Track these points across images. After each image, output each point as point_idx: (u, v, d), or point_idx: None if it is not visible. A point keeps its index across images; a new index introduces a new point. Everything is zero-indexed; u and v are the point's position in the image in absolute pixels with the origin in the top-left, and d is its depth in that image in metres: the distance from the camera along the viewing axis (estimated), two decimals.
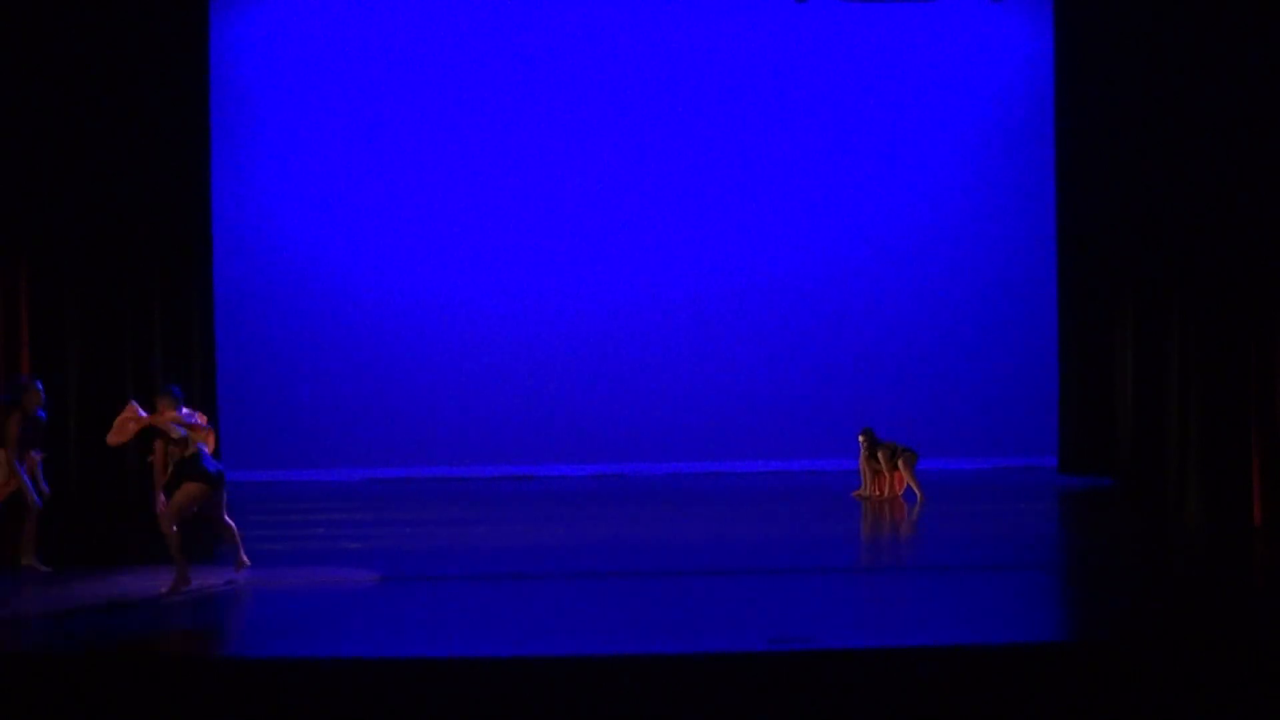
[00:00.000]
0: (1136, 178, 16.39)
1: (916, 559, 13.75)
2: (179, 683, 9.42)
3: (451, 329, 19.13)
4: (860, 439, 16.57)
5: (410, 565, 12.84)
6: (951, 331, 19.38)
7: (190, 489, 11.68)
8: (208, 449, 11.86)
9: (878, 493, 16.46)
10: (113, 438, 11.86)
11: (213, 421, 14.69)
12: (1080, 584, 12.44)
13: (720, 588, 11.84)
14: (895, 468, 16.33)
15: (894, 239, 19.36)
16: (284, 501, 16.43)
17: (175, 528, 11.66)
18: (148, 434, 11.84)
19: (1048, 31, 18.18)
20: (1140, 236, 16.38)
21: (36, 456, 12.59)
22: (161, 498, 11.76)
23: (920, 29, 19.24)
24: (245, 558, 12.22)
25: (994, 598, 11.36)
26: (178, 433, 11.68)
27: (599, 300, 19.25)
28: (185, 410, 11.90)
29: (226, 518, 12.05)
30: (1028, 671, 9.36)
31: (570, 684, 9.24)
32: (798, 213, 19.35)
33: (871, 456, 16.49)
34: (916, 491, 16.16)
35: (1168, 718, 9.20)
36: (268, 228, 18.88)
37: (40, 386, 12.60)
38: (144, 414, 11.84)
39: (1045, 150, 18.28)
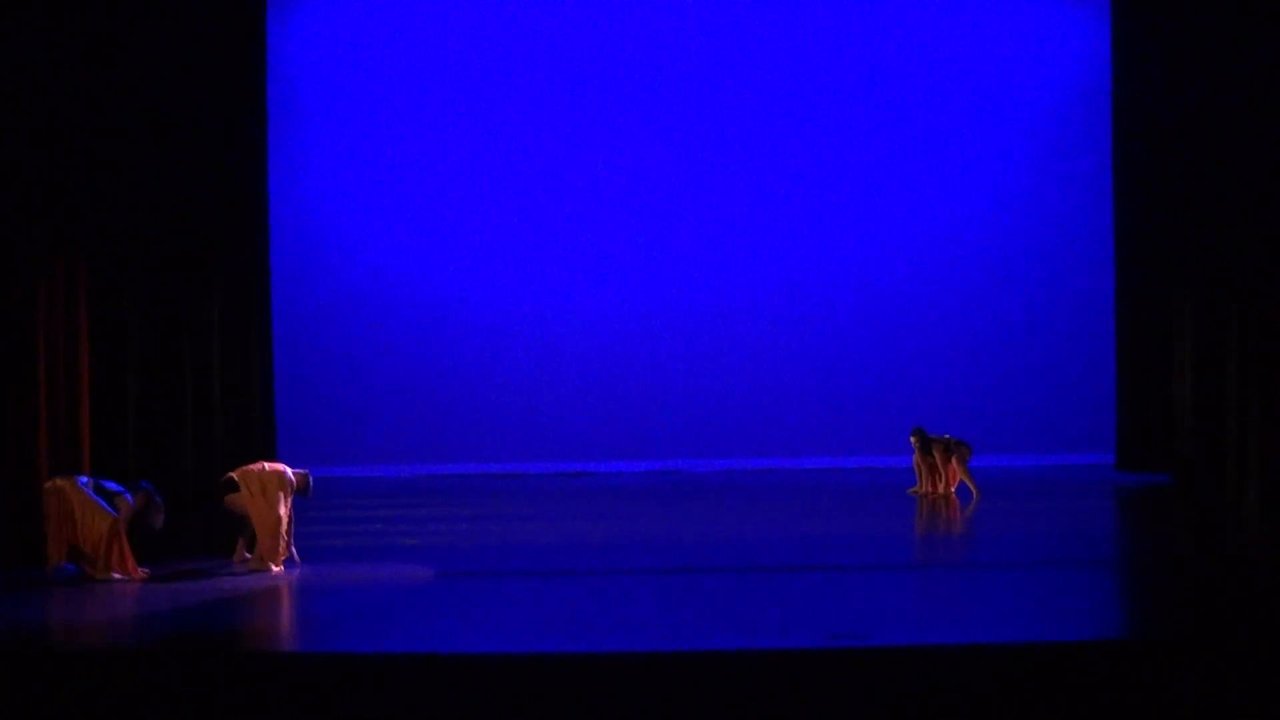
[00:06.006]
0: (1196, 169, 16.21)
1: (973, 556, 13.71)
2: (233, 678, 9.48)
3: (507, 325, 19.18)
4: (911, 439, 16.51)
5: (466, 561, 12.89)
6: (1008, 327, 19.28)
7: None
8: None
9: (933, 489, 16.39)
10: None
11: (270, 419, 14.92)
12: (1138, 581, 12.37)
13: (778, 584, 11.83)
14: (949, 461, 16.24)
15: (949, 234, 19.28)
16: (339, 497, 16.50)
17: None
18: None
19: (1105, 24, 18.04)
20: (1199, 231, 16.22)
21: None
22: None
23: (974, 21, 19.15)
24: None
25: (1050, 595, 11.30)
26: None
27: (656, 296, 19.25)
28: None
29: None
30: (1084, 669, 9.31)
31: (628, 680, 9.25)
32: (853, 208, 19.30)
33: (926, 453, 16.41)
34: (971, 487, 16.06)
35: (1226, 716, 9.14)
36: (323, 225, 18.99)
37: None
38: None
39: (1103, 142, 18.14)
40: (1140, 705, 9.17)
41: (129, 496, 12.46)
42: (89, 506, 12.19)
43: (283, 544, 12.47)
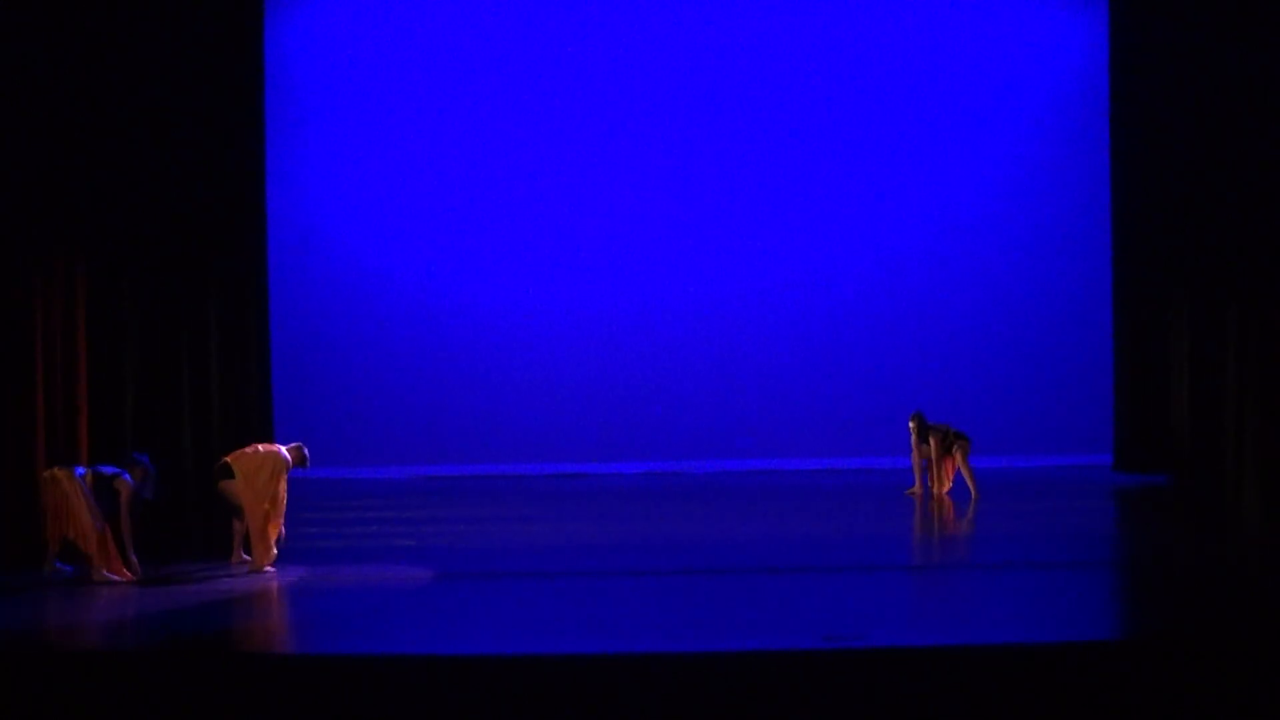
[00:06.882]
0: (1195, 169, 16.24)
1: (971, 556, 13.71)
2: (232, 679, 9.48)
3: (506, 325, 19.19)
4: (910, 424, 16.45)
5: (465, 562, 12.89)
6: (1007, 328, 19.29)
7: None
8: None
9: (932, 485, 16.34)
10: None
11: (268, 419, 14.93)
12: (1137, 581, 12.37)
13: (774, 585, 11.83)
14: (947, 453, 16.18)
15: (948, 234, 19.29)
16: (338, 499, 16.50)
17: None
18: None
19: (1104, 24, 18.05)
20: (1198, 231, 16.24)
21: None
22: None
23: (973, 22, 19.16)
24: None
25: (1050, 595, 11.31)
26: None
27: (655, 297, 19.26)
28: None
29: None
30: (1083, 669, 9.31)
31: (627, 680, 9.25)
32: (851, 209, 19.30)
33: (922, 440, 16.33)
34: (969, 482, 16.01)
35: (1225, 716, 9.14)
36: (320, 227, 18.99)
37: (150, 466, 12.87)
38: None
39: (1100, 144, 18.16)
40: (1138, 705, 9.17)
41: (126, 476, 12.50)
42: (81, 504, 12.20)
43: (274, 532, 12.46)
